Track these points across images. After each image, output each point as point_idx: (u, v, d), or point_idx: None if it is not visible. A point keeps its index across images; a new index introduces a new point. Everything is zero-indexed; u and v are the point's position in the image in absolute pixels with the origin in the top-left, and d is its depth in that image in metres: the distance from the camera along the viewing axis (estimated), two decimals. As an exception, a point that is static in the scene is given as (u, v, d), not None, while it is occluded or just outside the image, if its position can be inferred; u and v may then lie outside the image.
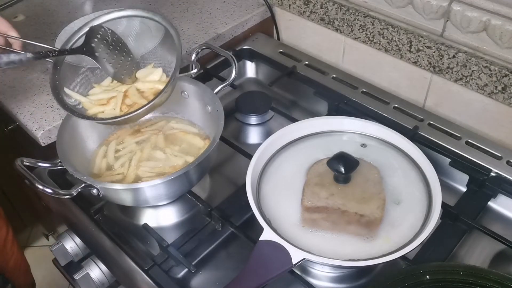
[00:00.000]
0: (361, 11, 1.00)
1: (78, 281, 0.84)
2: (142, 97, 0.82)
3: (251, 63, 1.13)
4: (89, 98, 0.83)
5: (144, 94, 0.83)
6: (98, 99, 0.83)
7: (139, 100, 0.82)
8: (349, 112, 0.94)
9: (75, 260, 0.90)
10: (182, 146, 0.88)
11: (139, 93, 0.83)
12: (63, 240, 0.89)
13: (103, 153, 0.87)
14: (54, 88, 0.79)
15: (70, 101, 0.81)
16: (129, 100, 0.83)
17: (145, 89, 0.83)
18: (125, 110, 0.81)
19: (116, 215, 0.86)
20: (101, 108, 0.82)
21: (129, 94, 0.82)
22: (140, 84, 0.84)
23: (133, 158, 0.85)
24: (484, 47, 0.87)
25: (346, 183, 0.73)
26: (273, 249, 0.66)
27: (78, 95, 0.83)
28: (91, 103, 0.83)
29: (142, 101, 0.81)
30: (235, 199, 0.81)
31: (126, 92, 0.83)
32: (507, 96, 0.86)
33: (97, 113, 0.82)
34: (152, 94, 0.83)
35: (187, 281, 0.76)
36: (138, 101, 0.82)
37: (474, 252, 0.78)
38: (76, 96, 0.82)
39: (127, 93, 0.83)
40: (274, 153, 0.81)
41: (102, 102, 0.83)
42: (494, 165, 0.84)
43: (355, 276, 0.76)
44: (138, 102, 0.82)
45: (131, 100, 0.82)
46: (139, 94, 0.83)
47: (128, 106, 0.82)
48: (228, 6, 1.19)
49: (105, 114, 0.82)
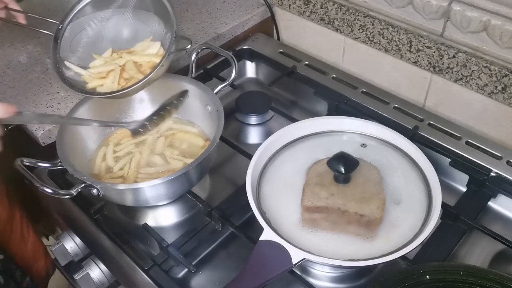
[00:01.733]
0: (361, 11, 1.00)
1: (78, 281, 0.84)
2: (139, 71, 0.82)
3: (251, 63, 1.13)
4: (89, 71, 0.83)
5: (141, 68, 0.83)
6: (97, 72, 0.83)
7: (136, 74, 0.82)
8: (349, 112, 0.94)
9: (75, 260, 0.90)
10: (182, 148, 0.88)
11: (136, 67, 0.83)
12: (63, 240, 0.89)
13: (102, 154, 0.87)
14: (55, 62, 0.80)
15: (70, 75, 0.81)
16: (126, 74, 0.83)
17: (143, 62, 0.83)
18: (122, 84, 0.81)
19: (116, 215, 0.86)
20: (101, 81, 0.82)
21: (126, 68, 0.82)
22: (138, 57, 0.83)
23: (132, 160, 0.85)
24: (484, 47, 0.87)
25: (346, 183, 0.73)
26: (273, 249, 0.66)
27: (78, 68, 0.83)
28: (90, 76, 0.83)
29: (139, 76, 0.81)
30: (235, 199, 0.81)
31: (124, 66, 0.82)
32: (507, 96, 0.86)
33: (96, 87, 0.82)
34: (149, 67, 0.82)
35: (187, 281, 0.76)
36: (135, 75, 0.82)
37: (474, 252, 0.78)
38: (76, 69, 0.82)
39: (125, 67, 0.82)
40: (274, 153, 0.81)
41: (102, 75, 0.83)
42: (494, 165, 0.84)
43: (355, 276, 0.76)
44: (135, 77, 0.82)
45: (128, 74, 0.82)
46: (137, 68, 0.83)
47: (126, 79, 0.82)
48: (228, 6, 1.19)
49: (104, 87, 0.82)
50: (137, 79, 0.80)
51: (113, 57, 0.86)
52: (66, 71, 0.81)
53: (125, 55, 0.83)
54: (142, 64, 0.83)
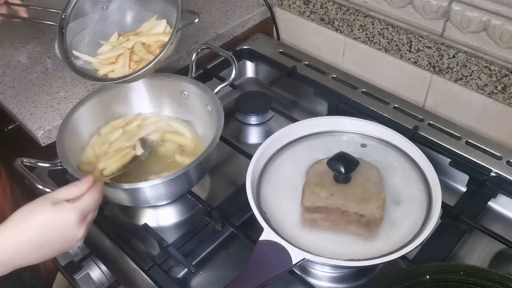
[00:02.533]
0: (361, 11, 1.00)
1: (78, 281, 0.84)
2: (148, 52, 0.81)
3: (251, 63, 1.13)
4: (98, 58, 0.83)
5: (150, 49, 0.81)
6: (106, 58, 0.82)
7: (146, 55, 0.81)
8: (349, 112, 0.94)
9: (75, 260, 0.89)
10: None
11: (145, 48, 0.82)
12: (63, 240, 0.89)
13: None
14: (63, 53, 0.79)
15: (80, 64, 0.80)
16: (136, 56, 0.82)
17: (151, 42, 0.82)
18: (133, 67, 0.80)
19: (116, 215, 0.86)
20: (111, 67, 0.81)
21: (135, 50, 0.81)
22: (145, 38, 0.82)
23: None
24: (484, 47, 0.87)
25: (346, 183, 0.73)
26: (273, 249, 0.66)
27: (86, 56, 0.82)
28: (100, 63, 0.82)
29: (149, 56, 0.80)
30: (235, 199, 0.81)
31: (133, 48, 0.82)
32: (507, 96, 0.86)
33: (107, 73, 0.81)
34: (158, 47, 0.81)
35: (187, 281, 0.76)
36: (145, 56, 0.81)
37: (474, 252, 0.78)
38: (85, 57, 0.82)
39: (134, 49, 0.81)
40: (274, 153, 0.81)
41: (111, 60, 0.82)
42: (494, 165, 0.84)
43: (355, 276, 0.76)
44: (145, 58, 0.81)
45: (138, 56, 0.81)
46: (145, 48, 0.82)
47: (136, 62, 0.81)
48: (228, 6, 1.19)
49: (115, 72, 0.81)
50: (148, 60, 0.79)
51: (120, 40, 0.84)
52: (75, 61, 0.80)
53: (132, 37, 0.82)
54: (150, 45, 0.82)
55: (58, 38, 0.80)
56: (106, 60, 0.82)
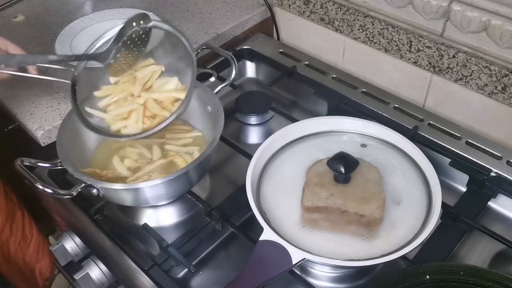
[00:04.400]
0: (361, 11, 1.00)
1: (78, 281, 0.84)
2: (162, 108, 0.82)
3: (251, 63, 1.13)
4: (109, 114, 0.83)
5: (162, 104, 0.83)
6: (118, 114, 0.82)
7: (160, 112, 0.82)
8: (349, 112, 0.94)
9: (75, 260, 0.90)
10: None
11: (158, 104, 0.83)
12: (63, 240, 0.89)
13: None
14: (76, 110, 0.79)
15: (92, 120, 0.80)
16: (148, 112, 0.83)
17: (163, 98, 0.83)
18: (147, 123, 0.81)
19: (116, 215, 0.86)
20: (124, 122, 0.81)
21: (148, 106, 0.82)
22: (157, 95, 0.83)
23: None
24: (484, 47, 0.87)
25: (346, 183, 0.73)
26: (273, 249, 0.66)
27: (99, 112, 0.82)
28: (113, 119, 0.82)
29: (163, 112, 0.81)
30: (235, 199, 0.81)
31: (145, 104, 0.82)
32: (507, 96, 0.86)
33: (120, 128, 0.82)
34: (170, 103, 0.82)
35: (187, 281, 0.76)
36: (159, 112, 0.82)
37: (474, 252, 0.78)
38: (97, 114, 0.82)
39: (147, 105, 0.82)
40: (274, 153, 0.81)
41: (123, 116, 0.82)
42: (494, 165, 0.84)
43: (355, 276, 0.76)
44: (159, 114, 0.82)
45: (151, 112, 0.82)
46: (159, 105, 0.83)
47: (149, 117, 0.82)
48: (228, 6, 1.19)
49: (128, 128, 0.81)
50: (162, 115, 0.81)
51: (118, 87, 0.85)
52: (89, 118, 0.80)
53: (143, 94, 0.83)
54: (162, 101, 0.83)
55: (71, 96, 0.79)
56: (117, 116, 0.82)
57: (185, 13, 1.18)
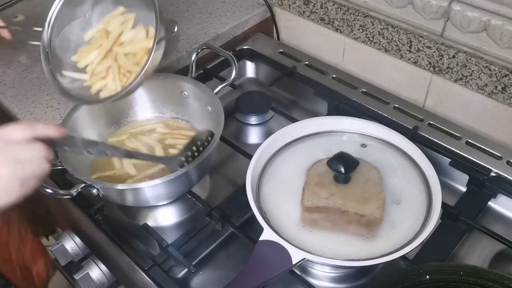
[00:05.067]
0: (361, 11, 1.00)
1: (78, 281, 0.84)
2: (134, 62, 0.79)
3: (251, 63, 1.13)
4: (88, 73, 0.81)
5: (136, 57, 0.80)
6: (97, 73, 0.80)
7: (132, 67, 0.79)
8: (349, 112, 0.94)
9: (75, 260, 0.90)
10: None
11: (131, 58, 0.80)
12: (63, 240, 0.89)
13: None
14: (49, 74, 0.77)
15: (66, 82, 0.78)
16: (123, 69, 0.80)
17: (136, 50, 0.80)
18: (123, 80, 0.79)
19: (116, 215, 0.86)
20: (103, 81, 0.79)
21: (119, 62, 0.80)
22: (128, 47, 0.80)
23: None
24: (484, 47, 0.87)
25: (346, 183, 0.73)
26: (273, 249, 0.66)
27: (77, 74, 0.80)
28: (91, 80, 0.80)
29: (135, 68, 0.79)
30: (235, 199, 0.81)
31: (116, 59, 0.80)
32: (507, 96, 0.86)
33: (101, 88, 0.80)
34: (144, 53, 0.80)
35: (187, 281, 0.76)
36: (132, 68, 0.79)
37: (474, 252, 0.78)
38: (75, 76, 0.80)
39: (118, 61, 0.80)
40: (274, 153, 0.81)
41: (102, 75, 0.81)
42: (494, 165, 0.84)
43: (355, 276, 0.76)
44: (132, 69, 0.79)
45: (124, 69, 0.80)
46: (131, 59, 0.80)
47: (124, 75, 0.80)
48: (228, 6, 1.19)
49: (108, 88, 0.80)
50: (136, 72, 0.77)
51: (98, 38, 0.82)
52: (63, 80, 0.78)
53: (115, 48, 0.80)
54: (136, 53, 0.80)
55: (44, 60, 0.78)
56: (97, 75, 0.81)
57: (185, 13, 1.18)
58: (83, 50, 0.83)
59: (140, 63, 0.79)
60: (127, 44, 0.82)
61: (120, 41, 0.82)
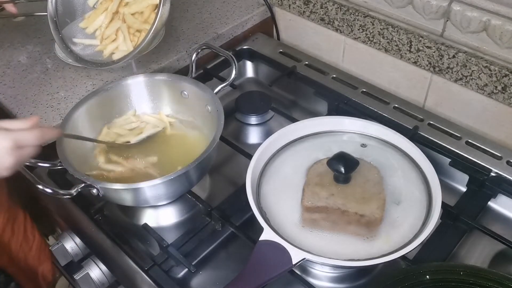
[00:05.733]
0: (361, 11, 1.00)
1: (78, 281, 0.84)
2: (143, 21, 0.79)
3: (251, 63, 1.13)
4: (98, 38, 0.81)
5: (144, 16, 0.79)
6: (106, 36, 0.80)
7: (141, 25, 0.79)
8: (349, 112, 0.94)
9: (75, 260, 0.90)
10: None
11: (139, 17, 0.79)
12: (63, 240, 0.89)
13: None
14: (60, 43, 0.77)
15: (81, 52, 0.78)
16: (132, 29, 0.80)
17: (142, 9, 0.80)
18: (134, 40, 0.79)
19: (116, 215, 0.86)
20: (114, 44, 0.80)
21: (128, 22, 0.79)
22: (134, 6, 0.80)
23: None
24: (484, 47, 0.87)
25: (346, 183, 0.73)
26: (273, 249, 0.66)
27: (88, 40, 0.80)
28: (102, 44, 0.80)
29: (145, 26, 0.78)
30: (235, 199, 0.81)
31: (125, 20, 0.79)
32: (507, 96, 0.86)
33: (113, 51, 0.80)
34: (151, 10, 0.79)
35: (187, 281, 0.76)
36: (141, 26, 0.79)
37: (474, 252, 0.78)
38: (87, 42, 0.80)
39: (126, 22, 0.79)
40: (274, 153, 0.81)
41: (112, 37, 0.80)
42: (494, 165, 0.84)
43: (355, 276, 0.76)
44: (141, 28, 0.79)
45: (134, 28, 0.80)
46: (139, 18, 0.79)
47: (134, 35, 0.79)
48: (228, 6, 1.19)
49: (119, 50, 0.79)
50: (146, 29, 0.77)
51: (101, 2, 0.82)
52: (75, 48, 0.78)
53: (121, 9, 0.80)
54: (143, 12, 0.80)
55: (53, 29, 0.78)
56: (107, 39, 0.80)
57: (185, 13, 1.18)
58: (89, 16, 0.83)
59: (148, 20, 0.79)
60: (132, 3, 0.81)
61: (125, 1, 0.81)
